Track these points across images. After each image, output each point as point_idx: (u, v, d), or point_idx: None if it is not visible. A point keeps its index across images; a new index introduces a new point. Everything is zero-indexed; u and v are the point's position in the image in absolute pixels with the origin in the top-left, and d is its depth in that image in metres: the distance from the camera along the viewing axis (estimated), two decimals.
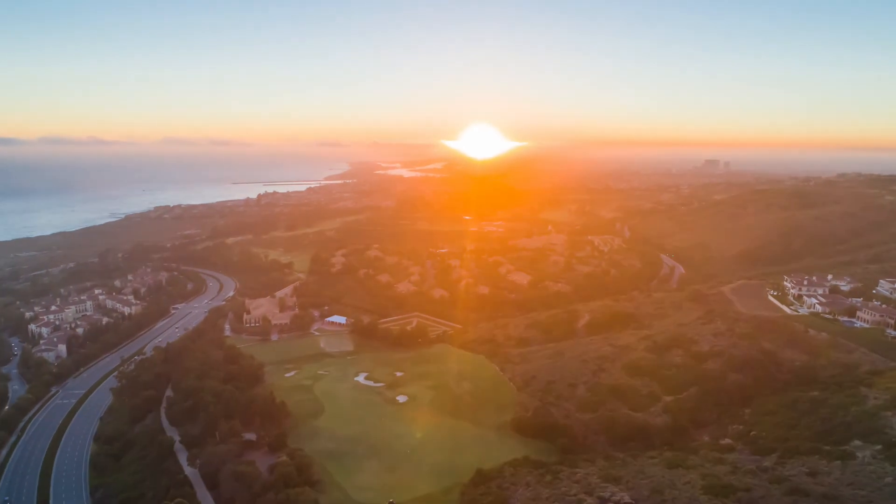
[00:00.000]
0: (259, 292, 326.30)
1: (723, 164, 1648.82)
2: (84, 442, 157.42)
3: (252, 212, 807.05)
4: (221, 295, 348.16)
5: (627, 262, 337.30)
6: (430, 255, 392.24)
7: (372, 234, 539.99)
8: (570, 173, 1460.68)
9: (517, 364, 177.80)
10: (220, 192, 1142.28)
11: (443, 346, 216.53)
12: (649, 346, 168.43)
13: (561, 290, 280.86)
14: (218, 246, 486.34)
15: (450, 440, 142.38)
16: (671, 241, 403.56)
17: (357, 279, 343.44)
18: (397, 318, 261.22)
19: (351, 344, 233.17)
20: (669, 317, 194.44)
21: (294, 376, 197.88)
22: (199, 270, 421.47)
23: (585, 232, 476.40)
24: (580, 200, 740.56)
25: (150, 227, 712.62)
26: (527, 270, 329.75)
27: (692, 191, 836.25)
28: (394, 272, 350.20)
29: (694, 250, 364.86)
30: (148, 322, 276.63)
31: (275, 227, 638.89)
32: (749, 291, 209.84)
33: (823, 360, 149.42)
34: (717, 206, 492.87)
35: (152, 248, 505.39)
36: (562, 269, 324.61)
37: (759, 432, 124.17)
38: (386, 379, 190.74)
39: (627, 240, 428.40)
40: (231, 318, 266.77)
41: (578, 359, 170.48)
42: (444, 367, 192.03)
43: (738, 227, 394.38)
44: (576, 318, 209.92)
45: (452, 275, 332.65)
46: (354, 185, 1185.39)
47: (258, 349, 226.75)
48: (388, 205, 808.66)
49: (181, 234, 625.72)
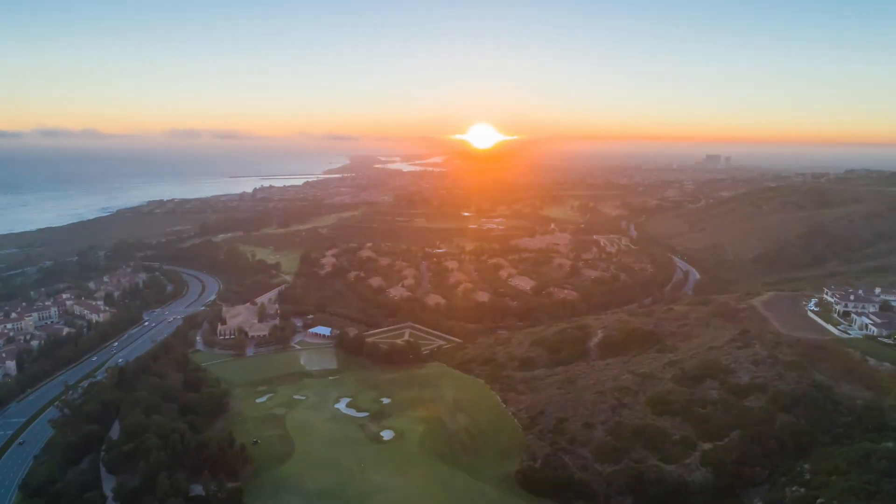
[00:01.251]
0: (242, 296, 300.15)
1: (723, 159, 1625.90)
2: (9, 491, 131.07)
3: (246, 207, 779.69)
4: (202, 298, 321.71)
5: (638, 266, 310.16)
6: (425, 256, 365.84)
7: (367, 232, 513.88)
8: (570, 168, 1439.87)
9: (522, 394, 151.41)
10: (218, 185, 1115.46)
11: (437, 366, 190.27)
12: (677, 375, 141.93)
13: (567, 298, 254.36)
14: (205, 244, 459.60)
15: (443, 496, 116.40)
16: (682, 242, 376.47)
17: (347, 282, 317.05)
18: (388, 330, 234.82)
19: (335, 360, 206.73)
20: (696, 336, 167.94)
21: (266, 402, 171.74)
22: (183, 270, 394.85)
23: (590, 230, 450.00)
24: (582, 196, 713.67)
25: (140, 222, 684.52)
26: (529, 274, 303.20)
27: (697, 187, 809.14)
28: (387, 275, 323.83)
29: (708, 252, 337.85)
30: (115, 332, 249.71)
31: (267, 224, 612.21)
32: (784, 305, 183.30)
33: (892, 398, 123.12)
34: (728, 203, 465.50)
35: (137, 245, 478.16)
36: (567, 274, 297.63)
37: (827, 501, 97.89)
38: (370, 407, 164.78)
39: (635, 240, 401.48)
40: (205, 328, 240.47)
41: (593, 389, 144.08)
42: (437, 393, 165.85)
43: (753, 227, 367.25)
44: (587, 334, 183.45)
45: (449, 279, 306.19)
46: (352, 180, 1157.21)
47: (230, 367, 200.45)
48: (386, 200, 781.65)
49: (170, 231, 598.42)
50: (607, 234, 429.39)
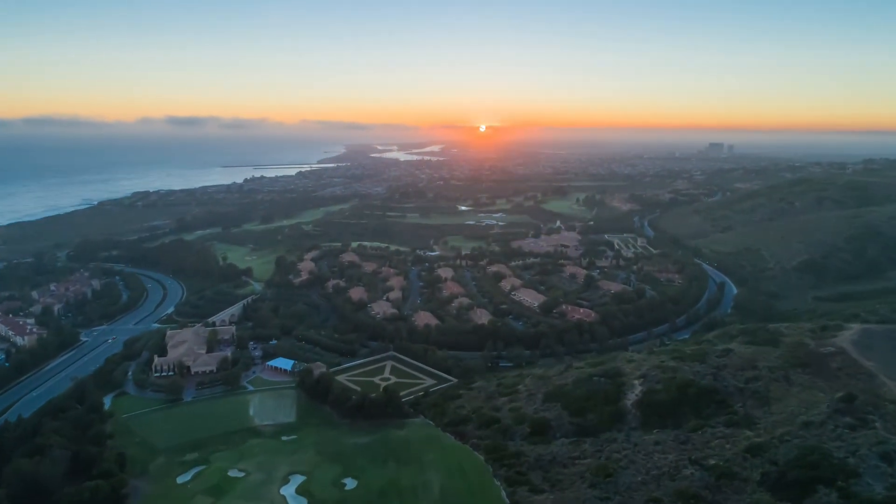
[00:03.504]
0: (201, 310, 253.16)
1: (727, 147, 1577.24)
2: None
3: (231, 199, 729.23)
4: (159, 311, 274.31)
5: (663, 275, 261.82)
6: (416, 260, 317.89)
7: (355, 229, 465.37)
8: (570, 157, 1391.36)
9: (538, 492, 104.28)
10: (211, 176, 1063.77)
11: (423, 425, 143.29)
12: (770, 474, 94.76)
13: (584, 320, 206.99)
14: (175, 243, 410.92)
15: None
16: (707, 244, 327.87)
17: (325, 293, 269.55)
18: (365, 363, 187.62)
19: (293, 410, 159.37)
20: (776, 399, 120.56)
21: (190, 483, 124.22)
22: (148, 274, 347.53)
23: (600, 228, 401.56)
24: (586, 188, 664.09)
25: (118, 216, 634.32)
26: (536, 286, 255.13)
27: (707, 177, 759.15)
28: (371, 284, 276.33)
29: (741, 258, 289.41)
30: (37, 361, 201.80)
31: (250, 218, 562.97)
32: (887, 347, 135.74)
33: None
34: (753, 198, 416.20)
35: (104, 243, 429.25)
36: (581, 286, 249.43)
37: None
38: (328, 495, 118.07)
39: (652, 240, 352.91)
40: (143, 359, 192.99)
41: (644, 493, 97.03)
42: (420, 476, 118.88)
43: (788, 226, 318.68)
44: (620, 387, 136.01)
45: (443, 290, 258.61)
46: (346, 170, 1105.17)
47: (156, 422, 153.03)
48: (379, 192, 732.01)
49: (147, 226, 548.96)
50: (620, 232, 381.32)
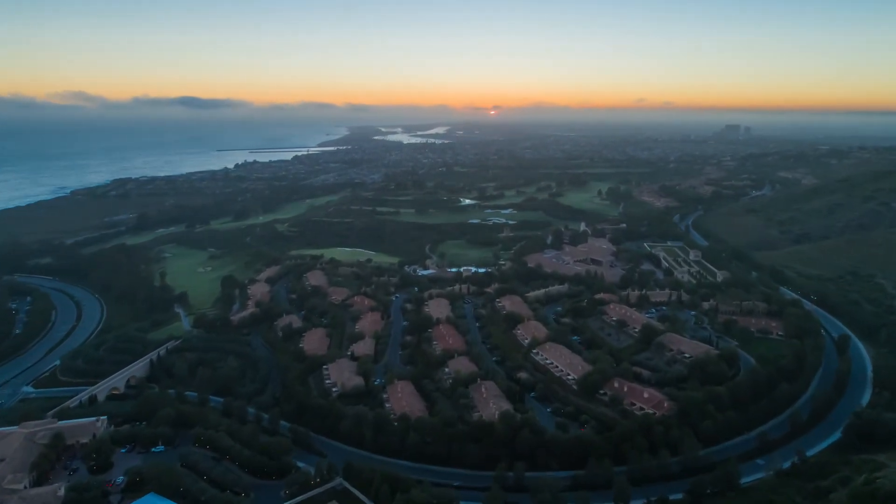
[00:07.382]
0: (97, 366, 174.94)
1: (743, 129, 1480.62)
2: None
3: (213, 188, 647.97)
4: (54, 355, 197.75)
5: (752, 324, 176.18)
6: (403, 281, 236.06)
7: (337, 229, 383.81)
8: (581, 139, 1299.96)
9: None
10: (202, 160, 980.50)
11: None
12: None
13: (653, 416, 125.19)
14: (114, 251, 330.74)
15: None
16: (787, 261, 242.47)
17: (268, 340, 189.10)
18: (299, 501, 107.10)
19: None
20: None
21: None
22: (70, 291, 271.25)
23: (634, 232, 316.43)
24: (606, 176, 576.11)
25: (84, 208, 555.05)
26: (569, 339, 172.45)
27: (738, 163, 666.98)
28: (337, 323, 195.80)
29: (848, 286, 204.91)
30: None
31: (224, 212, 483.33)
32: None
33: None
34: (823, 195, 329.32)
35: (37, 249, 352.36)
36: (638, 342, 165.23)
37: None
38: None
39: (708, 252, 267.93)
40: None
41: None
42: None
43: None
44: None
45: (433, 345, 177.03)
46: (345, 154, 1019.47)
47: None
48: (374, 180, 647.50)
49: (105, 221, 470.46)
50: (662, 239, 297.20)
